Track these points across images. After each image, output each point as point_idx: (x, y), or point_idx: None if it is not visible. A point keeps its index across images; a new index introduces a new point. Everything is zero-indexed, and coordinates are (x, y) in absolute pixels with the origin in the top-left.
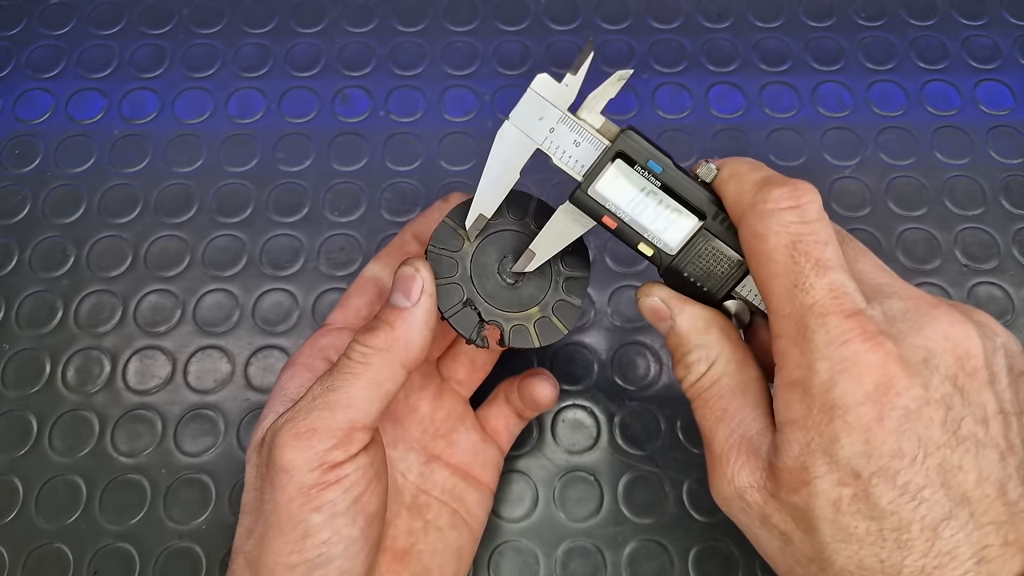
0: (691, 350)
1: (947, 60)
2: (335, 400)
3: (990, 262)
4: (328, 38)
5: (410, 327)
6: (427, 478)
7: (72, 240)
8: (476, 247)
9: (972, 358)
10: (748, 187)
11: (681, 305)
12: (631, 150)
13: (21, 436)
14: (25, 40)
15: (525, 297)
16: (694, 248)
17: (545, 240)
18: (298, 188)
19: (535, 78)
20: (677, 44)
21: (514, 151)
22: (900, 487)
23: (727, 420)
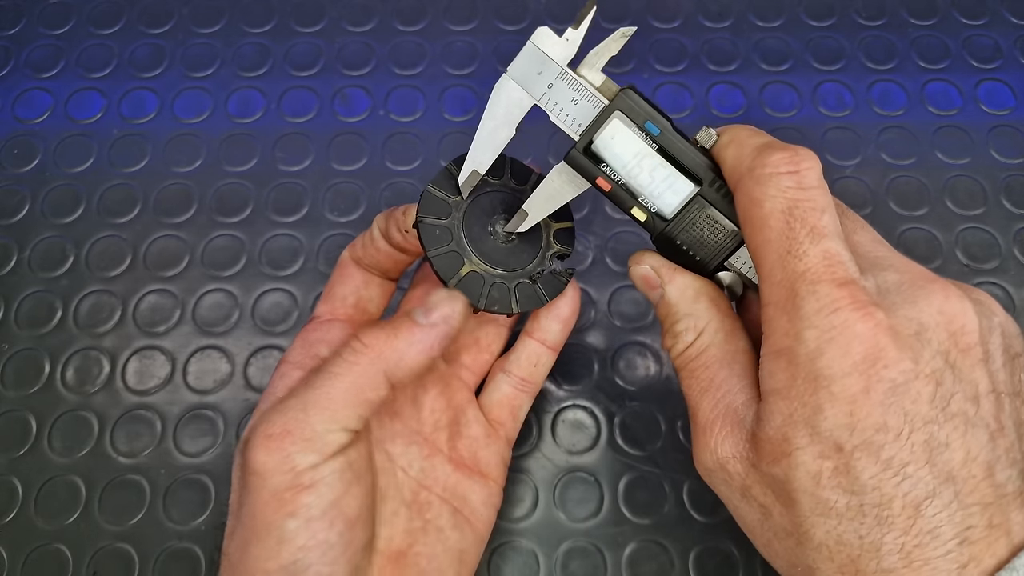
0: (679, 319)
1: (948, 60)
2: (312, 400)
3: (991, 262)
4: (328, 37)
5: (411, 343)
6: (428, 474)
7: (71, 240)
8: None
9: (967, 334)
10: (747, 151)
11: (672, 274)
12: (629, 110)
13: (20, 436)
14: (24, 40)
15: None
16: (689, 215)
17: (539, 200)
18: (298, 188)
19: (536, 31)
20: (677, 43)
21: (511, 106)
22: (883, 462)
23: (713, 390)
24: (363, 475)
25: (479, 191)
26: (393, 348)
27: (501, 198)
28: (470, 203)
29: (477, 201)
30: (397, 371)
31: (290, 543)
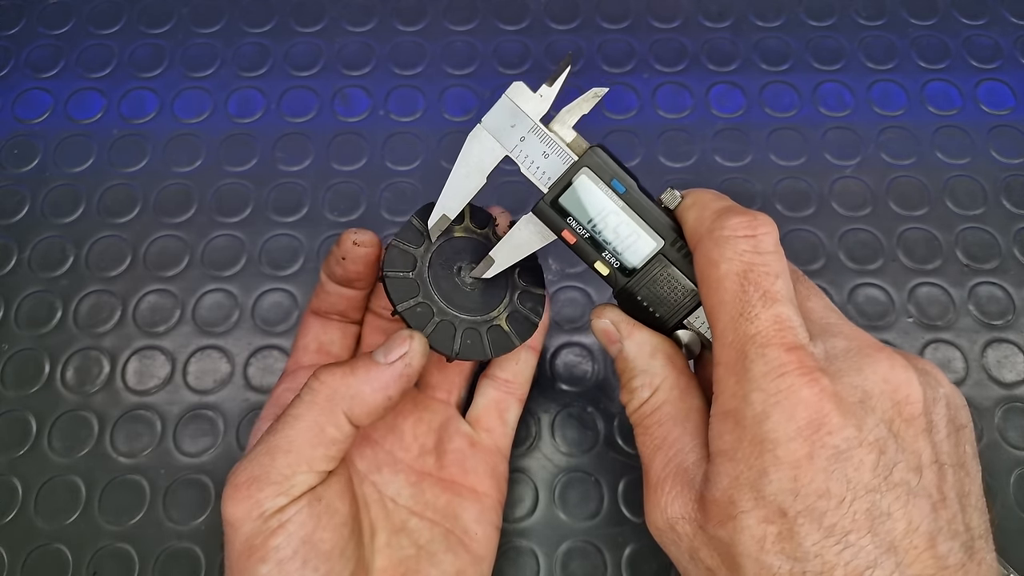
0: (636, 375)
1: (948, 59)
2: (275, 445)
3: (991, 262)
4: (327, 37)
5: (367, 381)
6: (418, 499)
7: (71, 240)
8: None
9: (911, 404)
10: (708, 214)
11: (631, 329)
12: (597, 167)
13: (20, 436)
14: (24, 40)
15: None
16: (650, 272)
17: (506, 249)
18: (297, 188)
19: (511, 85)
20: (677, 43)
21: (484, 155)
22: (826, 529)
23: (665, 448)
24: (338, 510)
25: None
26: (348, 385)
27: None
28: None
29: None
30: (355, 409)
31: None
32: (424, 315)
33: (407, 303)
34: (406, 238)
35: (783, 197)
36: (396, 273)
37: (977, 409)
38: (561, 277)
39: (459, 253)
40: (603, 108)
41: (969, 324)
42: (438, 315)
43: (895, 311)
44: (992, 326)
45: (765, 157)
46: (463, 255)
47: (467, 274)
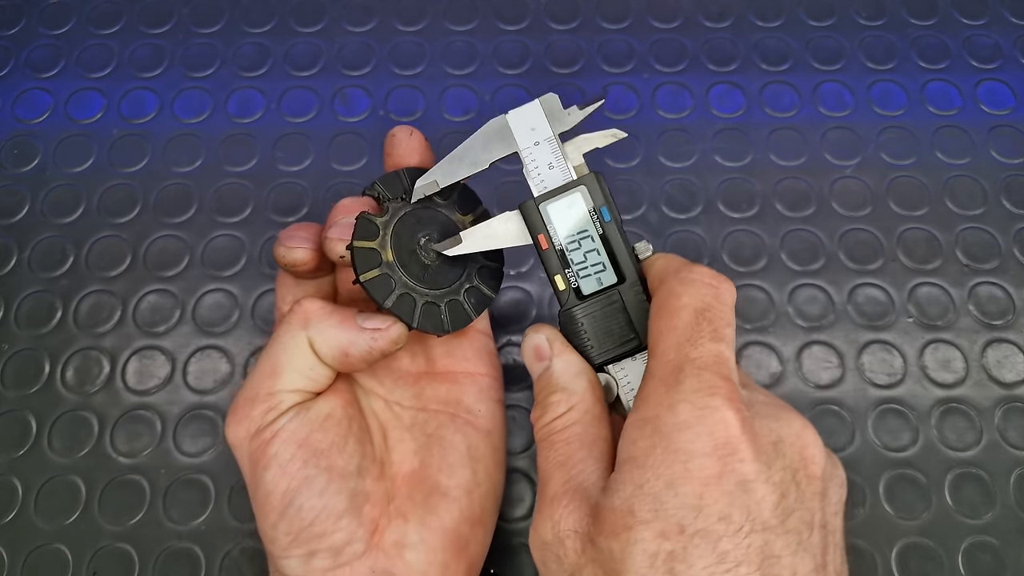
0: (555, 391)
1: (948, 60)
2: (260, 369)
3: (991, 262)
4: (328, 37)
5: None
6: (420, 396)
7: (71, 240)
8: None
9: (815, 464)
10: (676, 263)
11: (562, 349)
12: (592, 190)
13: (20, 436)
14: (24, 40)
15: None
16: (601, 302)
17: (479, 235)
18: (298, 188)
19: (548, 94)
20: (677, 43)
21: (496, 142)
22: (719, 554)
23: (568, 467)
24: (330, 414)
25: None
26: (320, 320)
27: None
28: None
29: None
30: (317, 342)
31: (275, 492)
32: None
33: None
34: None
35: (783, 197)
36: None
37: (977, 409)
38: None
39: (424, 225)
40: (603, 108)
41: (969, 324)
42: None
43: (895, 311)
44: (992, 326)
45: (765, 157)
46: (428, 227)
47: (431, 247)
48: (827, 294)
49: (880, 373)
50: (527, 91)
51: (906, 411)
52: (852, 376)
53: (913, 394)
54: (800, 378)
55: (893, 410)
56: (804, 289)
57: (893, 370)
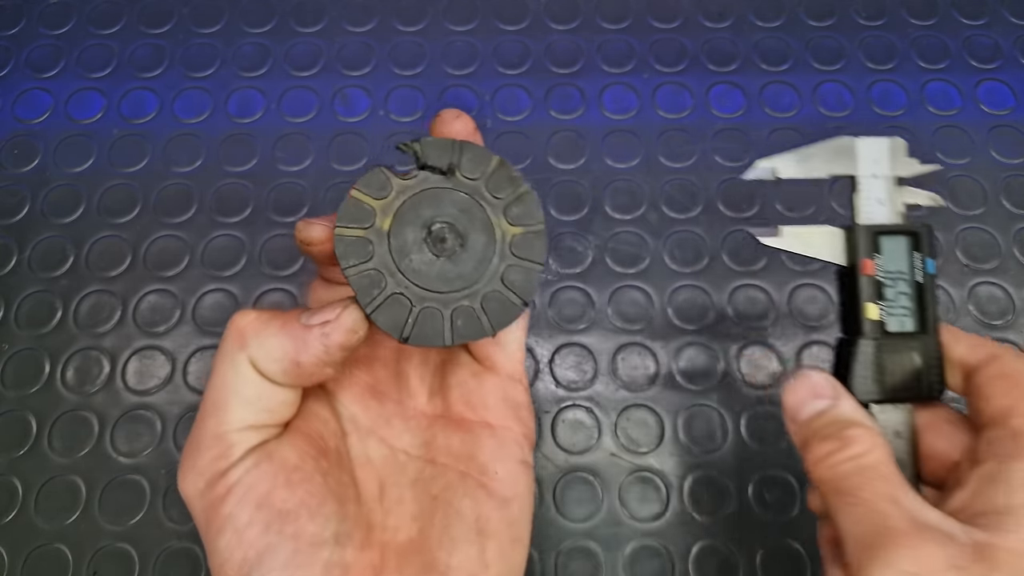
0: (853, 425)
1: (948, 60)
2: (204, 407)
3: (991, 262)
4: (328, 37)
5: (278, 336)
6: (430, 446)
7: (71, 240)
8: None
9: None
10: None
11: (844, 390)
12: (926, 240)
13: (20, 436)
14: (24, 40)
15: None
16: (896, 344)
17: (794, 236)
18: (298, 188)
19: (897, 137)
20: (677, 43)
21: (840, 159)
22: None
23: (901, 503)
24: (299, 466)
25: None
26: (258, 334)
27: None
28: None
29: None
30: (261, 363)
31: (230, 562)
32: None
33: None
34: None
35: (783, 197)
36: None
37: None
38: (561, 277)
39: (439, 206)
40: (603, 108)
41: (969, 324)
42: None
43: None
44: (992, 326)
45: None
46: (445, 210)
47: (451, 237)
48: (827, 294)
49: None
50: (527, 91)
51: None
52: None
53: None
54: None
55: None
56: (804, 289)
57: None
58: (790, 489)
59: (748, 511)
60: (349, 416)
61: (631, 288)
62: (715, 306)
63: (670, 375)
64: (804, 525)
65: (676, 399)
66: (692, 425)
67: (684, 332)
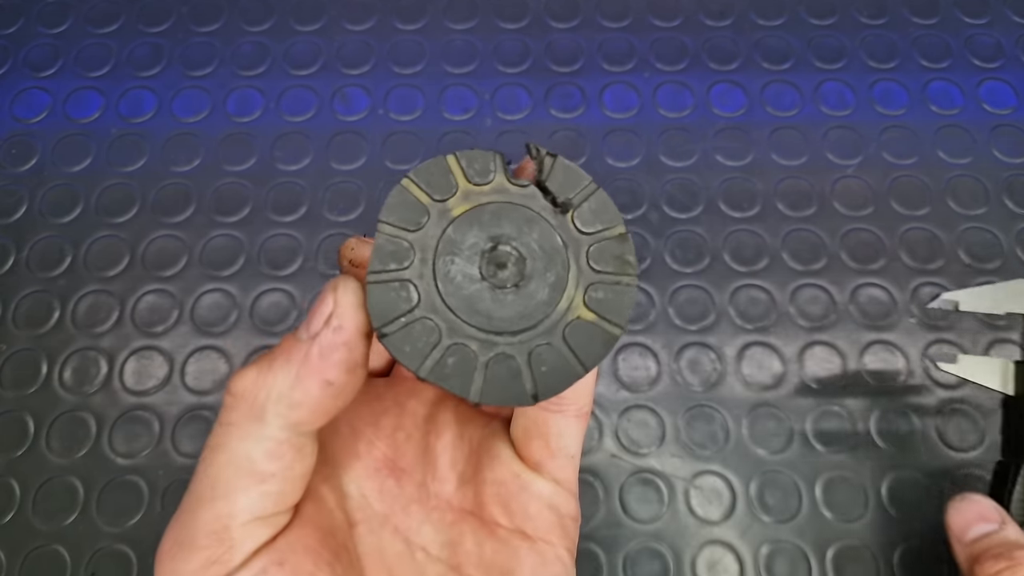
0: (1019, 549)
1: (949, 59)
2: (198, 492)
3: (993, 262)
4: (327, 36)
5: (291, 371)
6: (458, 547)
7: (69, 240)
8: (452, 221)
9: None
10: None
11: (1009, 516)
12: None
13: (18, 437)
14: (22, 39)
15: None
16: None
17: (973, 366)
18: (297, 187)
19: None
20: (678, 42)
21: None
22: None
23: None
24: (316, 558)
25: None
26: (269, 386)
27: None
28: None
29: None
30: (290, 415)
31: None
32: (425, 336)
33: (395, 321)
34: (399, 215)
35: (784, 196)
36: (381, 275)
37: (980, 409)
38: None
39: (494, 223)
40: (604, 107)
41: (972, 325)
42: (448, 335)
43: (897, 311)
44: (995, 327)
45: (766, 156)
46: (503, 227)
47: (508, 264)
48: (829, 294)
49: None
50: (527, 90)
51: (909, 412)
52: (855, 377)
53: (916, 395)
54: (802, 378)
55: (896, 411)
56: (806, 289)
57: (896, 370)
58: (794, 491)
59: (750, 512)
60: (359, 497)
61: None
62: (716, 306)
63: (671, 375)
64: (807, 524)
65: (677, 400)
66: (693, 426)
67: (685, 332)
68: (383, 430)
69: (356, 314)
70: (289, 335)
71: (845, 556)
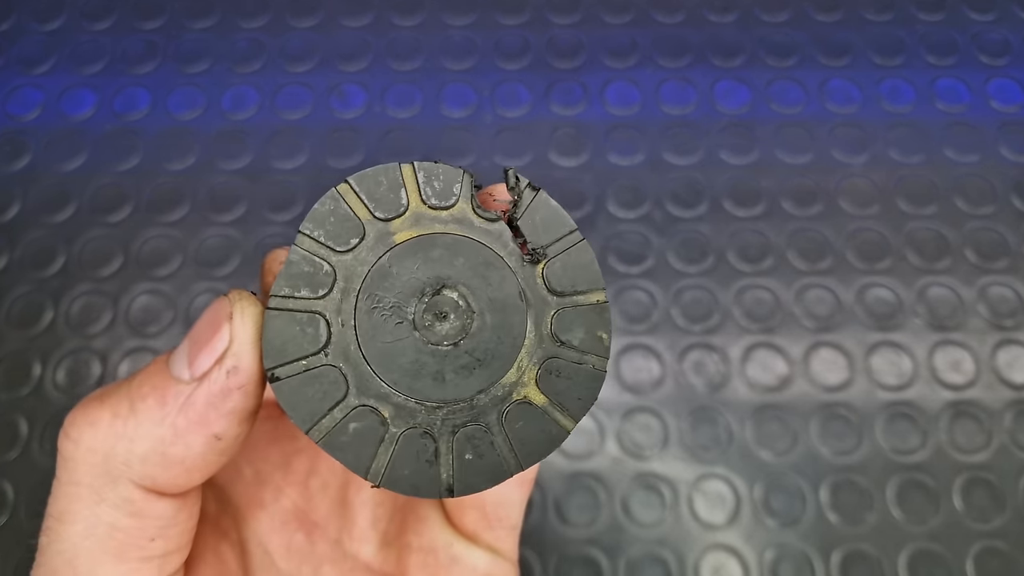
0: None
1: (957, 55)
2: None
3: (1001, 261)
4: (323, 32)
5: (163, 422)
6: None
7: (62, 239)
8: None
9: None
10: None
11: None
12: None
13: (11, 439)
14: (15, 35)
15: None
16: None
17: None
18: (293, 185)
19: None
20: (682, 37)
21: None
22: None
23: None
24: None
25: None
26: (128, 438)
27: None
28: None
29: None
30: (156, 476)
31: None
32: (326, 390)
33: (294, 363)
34: (327, 229)
35: (790, 194)
36: (288, 301)
37: (987, 412)
38: None
39: (445, 259)
40: (606, 103)
41: (979, 325)
42: (356, 394)
43: (904, 312)
44: (1002, 327)
45: (771, 154)
46: (451, 266)
47: (451, 315)
48: (835, 294)
49: (889, 375)
50: (527, 86)
51: (915, 414)
52: (861, 378)
53: (922, 396)
54: (808, 380)
55: (902, 413)
56: (812, 289)
57: (902, 372)
58: (798, 495)
59: (754, 515)
60: (261, 555)
61: (635, 288)
62: (720, 306)
63: (675, 377)
64: (812, 528)
65: (681, 402)
66: (697, 429)
67: (689, 333)
68: (294, 475)
69: (253, 356)
70: (157, 363)
71: (851, 560)
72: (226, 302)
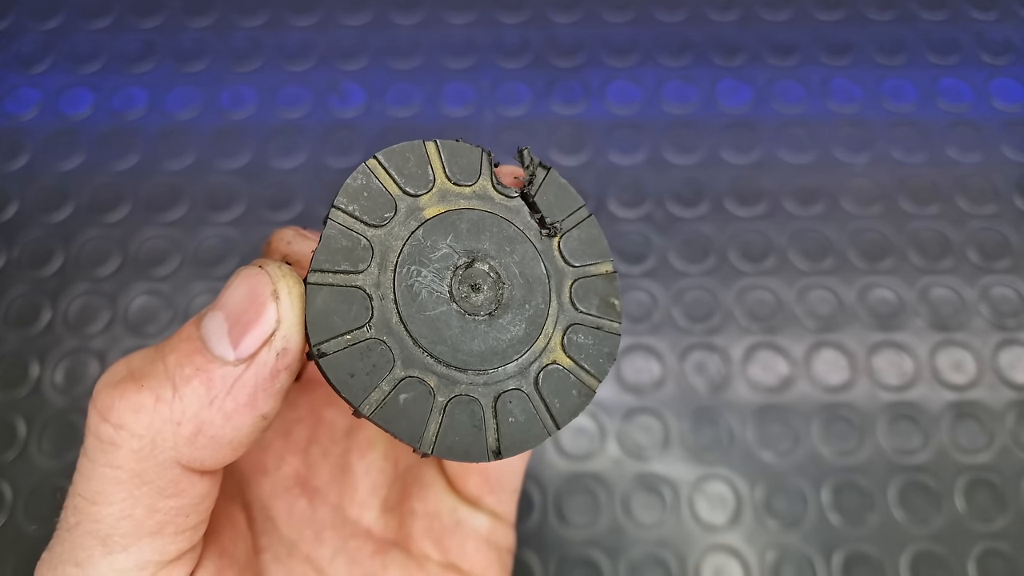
0: None
1: (959, 54)
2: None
3: (1003, 261)
4: (322, 30)
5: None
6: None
7: (60, 239)
8: (423, 224)
9: None
10: None
11: None
12: None
13: (8, 441)
14: (12, 34)
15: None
16: None
17: None
18: (291, 184)
19: None
20: (683, 36)
21: None
22: None
23: None
24: None
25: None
26: (179, 424)
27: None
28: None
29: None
30: (204, 458)
31: None
32: (375, 363)
33: (339, 338)
34: (361, 204)
35: (791, 194)
36: (328, 276)
37: (989, 413)
38: None
39: (472, 234)
40: (607, 102)
41: (981, 325)
42: (402, 366)
43: (905, 312)
44: (1005, 327)
45: (773, 153)
46: (482, 239)
47: (484, 286)
48: (836, 294)
49: (891, 375)
50: (528, 84)
51: (917, 415)
52: (862, 379)
53: (924, 397)
54: (809, 381)
55: (904, 414)
56: (813, 289)
57: (904, 372)
58: (800, 496)
59: (756, 517)
60: (266, 518)
61: (635, 288)
62: (722, 306)
63: (676, 378)
64: (814, 530)
65: (682, 403)
66: (698, 430)
67: (690, 333)
68: (295, 443)
69: (300, 335)
70: (191, 339)
71: (853, 561)
72: (265, 277)
